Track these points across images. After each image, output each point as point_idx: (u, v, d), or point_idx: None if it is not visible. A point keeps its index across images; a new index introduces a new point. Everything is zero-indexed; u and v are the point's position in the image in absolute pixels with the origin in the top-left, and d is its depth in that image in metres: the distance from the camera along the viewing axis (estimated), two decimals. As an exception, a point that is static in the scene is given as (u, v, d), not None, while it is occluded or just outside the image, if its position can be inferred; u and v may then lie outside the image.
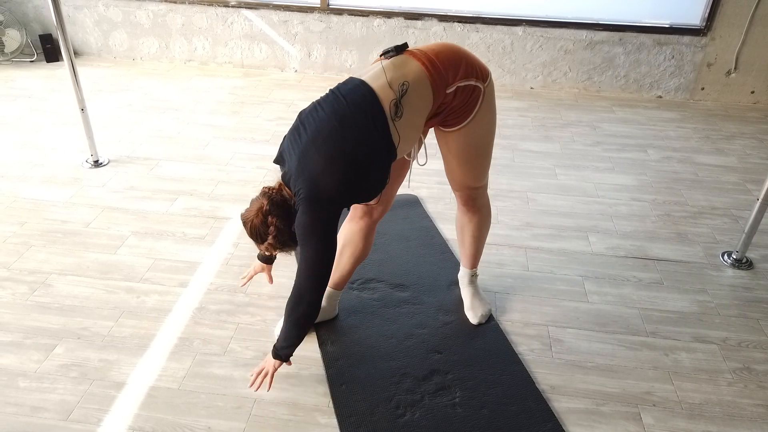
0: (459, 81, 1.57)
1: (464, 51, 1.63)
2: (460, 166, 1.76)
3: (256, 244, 1.63)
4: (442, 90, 1.57)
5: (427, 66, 1.54)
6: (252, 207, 1.60)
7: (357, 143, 1.46)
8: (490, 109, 1.67)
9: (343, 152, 1.45)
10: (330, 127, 1.46)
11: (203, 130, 3.43)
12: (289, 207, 1.56)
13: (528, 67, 4.21)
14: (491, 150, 1.77)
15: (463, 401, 1.72)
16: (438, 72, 1.55)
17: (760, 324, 2.08)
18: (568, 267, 2.34)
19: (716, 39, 3.94)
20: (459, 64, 1.58)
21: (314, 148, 1.46)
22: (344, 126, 1.46)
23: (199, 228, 2.49)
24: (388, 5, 4.14)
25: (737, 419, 1.71)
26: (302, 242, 1.52)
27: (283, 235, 1.56)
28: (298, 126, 1.53)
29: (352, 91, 1.51)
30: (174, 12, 4.30)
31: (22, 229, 2.43)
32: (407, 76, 1.52)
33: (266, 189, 1.60)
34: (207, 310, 2.05)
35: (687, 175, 3.12)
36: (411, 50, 1.59)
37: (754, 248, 2.48)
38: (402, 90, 1.50)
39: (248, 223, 1.59)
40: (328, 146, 1.45)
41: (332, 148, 1.45)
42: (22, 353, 1.83)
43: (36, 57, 4.43)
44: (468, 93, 1.59)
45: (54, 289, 2.10)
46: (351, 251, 1.90)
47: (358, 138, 1.46)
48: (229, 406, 1.69)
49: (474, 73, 1.60)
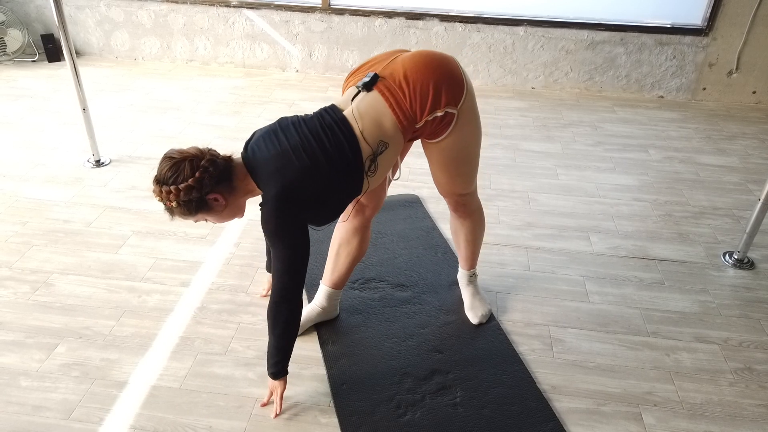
0: (428, 116, 1.54)
1: (438, 69, 1.54)
2: (444, 175, 1.75)
3: (155, 185, 1.47)
4: (411, 128, 1.56)
5: (396, 112, 1.52)
6: (188, 150, 1.48)
7: (331, 176, 1.49)
8: (468, 120, 1.62)
9: (319, 175, 1.47)
10: (311, 149, 1.47)
11: (205, 129, 3.43)
12: (225, 175, 1.50)
13: (529, 67, 4.21)
14: (476, 157, 1.73)
15: (464, 401, 1.72)
16: (406, 115, 1.53)
17: (761, 324, 2.08)
18: (569, 267, 2.34)
19: (718, 39, 3.94)
20: (427, 94, 1.52)
21: (293, 156, 1.47)
22: (324, 154, 1.48)
23: (201, 228, 2.49)
24: (389, 5, 4.14)
25: (738, 419, 1.71)
26: (274, 242, 1.50)
27: (193, 192, 1.44)
28: (276, 129, 1.53)
29: (337, 126, 1.51)
30: (175, 12, 4.30)
31: (24, 228, 2.44)
32: (380, 128, 1.51)
33: (214, 151, 1.53)
34: (208, 310, 2.05)
35: (688, 175, 3.12)
36: (381, 83, 1.54)
37: (755, 248, 2.48)
38: (380, 149, 1.53)
39: (173, 158, 1.45)
40: (306, 161, 1.46)
41: (311, 167, 1.47)
42: (23, 352, 1.84)
43: (38, 57, 4.44)
44: (438, 121, 1.57)
45: (56, 289, 2.11)
46: (347, 251, 1.90)
47: (333, 173, 1.49)
48: (230, 405, 1.69)
49: (443, 102, 1.54)
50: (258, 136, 1.57)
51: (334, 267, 1.93)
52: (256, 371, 1.80)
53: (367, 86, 1.54)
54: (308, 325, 1.96)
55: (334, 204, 1.56)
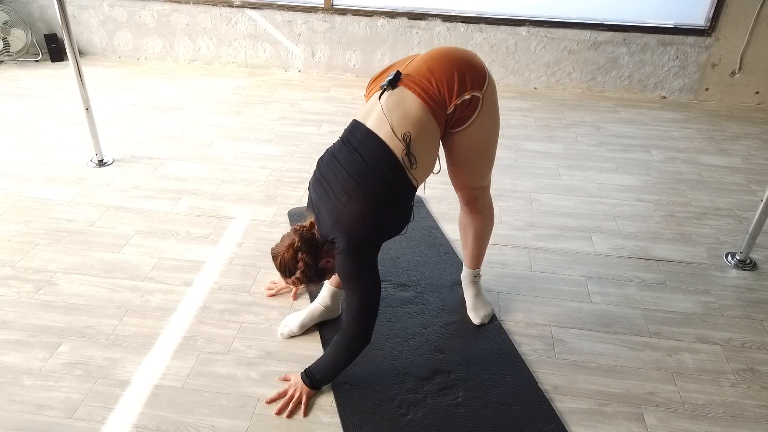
0: (456, 99, 1.57)
1: (458, 58, 1.60)
2: (463, 166, 1.76)
3: (282, 277, 1.68)
4: (443, 114, 1.59)
5: (424, 98, 1.55)
6: (283, 242, 1.65)
7: (381, 195, 1.53)
8: (491, 109, 1.67)
9: (370, 207, 1.52)
10: (351, 186, 1.53)
11: (207, 129, 3.44)
12: (317, 245, 1.63)
13: (531, 67, 4.21)
14: (495, 150, 1.78)
15: (466, 401, 1.73)
16: (435, 100, 1.56)
17: (763, 325, 2.08)
18: (571, 267, 2.34)
19: (721, 39, 3.93)
20: (453, 79, 1.57)
21: (341, 206, 1.53)
22: (365, 183, 1.52)
23: (203, 227, 2.50)
24: (391, 5, 4.14)
25: (740, 420, 1.71)
26: (348, 287, 1.59)
27: (310, 271, 1.62)
28: (321, 180, 1.60)
29: (364, 144, 1.56)
30: (178, 12, 4.31)
31: (27, 227, 2.44)
32: (409, 118, 1.54)
33: (297, 227, 1.65)
34: (211, 309, 2.05)
35: (691, 175, 3.12)
36: (405, 78, 1.58)
37: (758, 249, 2.47)
38: (406, 139, 1.53)
39: (278, 257, 1.65)
40: (354, 204, 1.52)
41: (359, 205, 1.51)
42: (27, 351, 1.84)
43: (41, 56, 4.45)
44: (466, 105, 1.60)
45: (59, 288, 2.12)
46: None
47: (381, 191, 1.53)
48: (232, 404, 1.69)
49: (469, 86, 1.58)
50: (312, 191, 1.65)
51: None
52: (258, 371, 1.81)
53: (392, 83, 1.59)
54: (311, 324, 1.96)
55: (397, 215, 1.59)
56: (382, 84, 1.61)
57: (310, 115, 3.69)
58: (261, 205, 2.68)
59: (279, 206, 2.68)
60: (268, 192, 2.79)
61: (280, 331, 1.94)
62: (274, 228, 2.52)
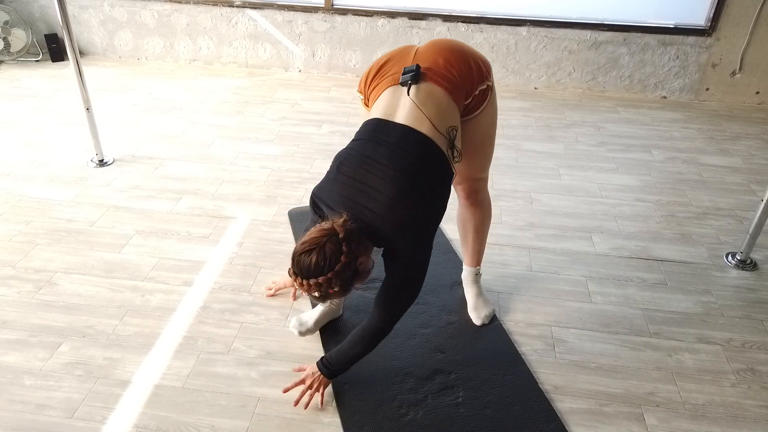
0: (476, 90, 1.61)
1: (466, 49, 1.64)
2: (470, 155, 1.77)
3: (307, 282, 1.40)
4: (462, 105, 1.62)
5: (451, 90, 1.57)
6: (317, 235, 1.39)
7: (438, 190, 1.52)
8: (494, 98, 1.74)
9: (431, 203, 1.49)
10: (406, 184, 1.44)
11: (207, 129, 3.44)
12: (360, 239, 1.43)
13: (532, 67, 4.20)
14: (495, 138, 1.83)
15: (466, 401, 1.73)
16: (459, 92, 1.59)
17: (764, 325, 2.08)
18: (571, 267, 2.34)
19: (721, 39, 3.93)
20: (471, 71, 1.60)
21: (400, 206, 1.43)
22: (420, 180, 1.46)
23: (204, 227, 2.50)
24: (392, 5, 4.14)
25: (741, 420, 1.71)
26: (404, 286, 1.55)
27: (347, 270, 1.39)
28: (355, 182, 1.46)
29: (406, 140, 1.47)
30: (179, 12, 4.31)
31: (28, 227, 2.44)
32: (445, 111, 1.54)
33: (337, 219, 1.42)
34: (211, 309, 2.05)
35: (691, 175, 3.12)
36: (428, 72, 1.57)
37: (758, 249, 2.47)
38: (451, 134, 1.54)
39: (315, 251, 1.37)
40: (414, 203, 1.44)
41: (420, 203, 1.46)
42: (27, 351, 1.84)
43: (41, 56, 4.45)
44: (481, 94, 1.64)
45: (59, 288, 2.12)
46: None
47: (437, 186, 1.51)
48: (232, 404, 1.69)
49: (484, 75, 1.64)
50: (332, 193, 1.50)
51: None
52: (258, 371, 1.81)
53: (415, 78, 1.55)
54: (323, 323, 1.95)
55: (444, 208, 1.58)
56: (404, 79, 1.55)
57: (311, 115, 3.69)
58: (261, 205, 2.68)
59: (279, 206, 2.68)
60: (269, 192, 2.79)
61: (298, 330, 1.90)
62: (275, 228, 2.52)
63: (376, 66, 1.68)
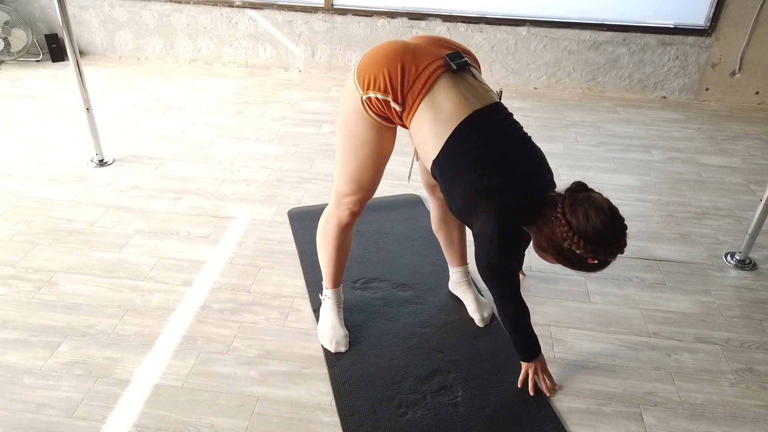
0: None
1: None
2: None
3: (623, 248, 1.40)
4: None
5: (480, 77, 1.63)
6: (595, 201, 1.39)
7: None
8: None
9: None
10: (533, 150, 1.54)
11: (207, 129, 3.44)
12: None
13: (532, 67, 4.21)
14: None
15: (465, 400, 1.73)
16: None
17: (762, 325, 2.08)
18: (570, 267, 2.34)
19: (721, 39, 3.93)
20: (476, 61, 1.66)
21: (543, 161, 1.55)
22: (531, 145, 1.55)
23: (204, 227, 2.50)
24: (392, 5, 4.14)
25: (739, 420, 1.71)
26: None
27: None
28: (521, 165, 1.49)
29: (503, 113, 1.54)
30: (179, 12, 4.31)
31: (28, 227, 2.45)
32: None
33: (574, 186, 1.45)
34: (211, 309, 2.06)
35: (691, 175, 3.12)
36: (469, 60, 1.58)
37: (757, 249, 2.47)
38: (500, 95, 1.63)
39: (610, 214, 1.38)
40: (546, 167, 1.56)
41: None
42: (27, 351, 1.85)
43: (42, 56, 4.46)
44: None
45: (59, 287, 2.12)
46: (347, 251, 1.88)
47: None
48: (232, 404, 1.70)
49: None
50: (524, 184, 1.49)
51: (339, 268, 1.92)
52: (258, 370, 1.81)
53: (462, 66, 1.52)
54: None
55: None
56: (460, 64, 1.50)
57: (311, 115, 3.70)
58: (261, 205, 2.68)
59: (279, 206, 2.68)
60: (269, 192, 2.80)
61: (336, 350, 1.88)
62: (274, 228, 2.52)
63: (395, 72, 1.50)
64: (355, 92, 1.55)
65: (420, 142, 1.54)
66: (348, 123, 1.60)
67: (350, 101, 1.57)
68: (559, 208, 1.39)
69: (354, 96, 1.56)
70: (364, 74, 1.52)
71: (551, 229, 1.41)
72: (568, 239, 1.37)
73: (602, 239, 1.36)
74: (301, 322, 2.01)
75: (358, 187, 1.67)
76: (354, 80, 1.55)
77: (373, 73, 1.51)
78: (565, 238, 1.38)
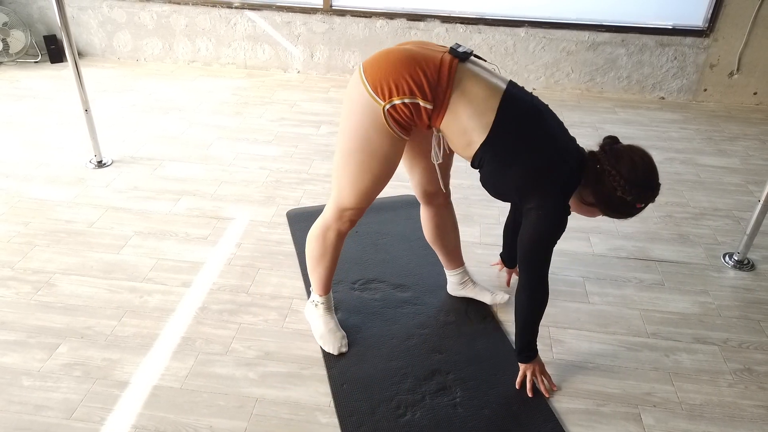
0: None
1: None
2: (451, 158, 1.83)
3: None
4: None
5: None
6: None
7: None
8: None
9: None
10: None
11: (207, 130, 3.44)
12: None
13: (530, 68, 4.21)
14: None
15: (464, 401, 1.73)
16: None
17: (761, 325, 2.09)
18: (569, 268, 2.34)
19: (719, 40, 3.94)
20: None
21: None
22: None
23: (202, 228, 2.50)
24: (390, 6, 4.14)
25: (738, 420, 1.72)
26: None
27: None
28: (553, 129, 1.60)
29: (520, 88, 1.63)
30: (177, 13, 4.31)
31: (27, 228, 2.45)
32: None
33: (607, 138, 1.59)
34: (209, 310, 2.06)
35: (689, 176, 3.12)
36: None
37: (755, 249, 2.48)
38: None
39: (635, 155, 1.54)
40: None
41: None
42: (26, 352, 1.85)
43: (40, 58, 4.45)
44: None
45: (58, 289, 2.12)
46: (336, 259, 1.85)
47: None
48: (231, 405, 1.70)
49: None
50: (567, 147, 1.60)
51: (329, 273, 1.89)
52: (256, 371, 1.81)
53: (468, 55, 1.55)
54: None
55: None
56: (465, 53, 1.53)
57: (310, 116, 3.70)
58: (260, 206, 2.69)
59: (278, 207, 2.69)
60: (267, 193, 2.80)
61: (339, 352, 1.88)
62: (273, 229, 2.52)
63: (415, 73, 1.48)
64: (373, 105, 1.50)
65: (459, 132, 1.52)
66: (362, 139, 1.55)
67: (365, 116, 1.52)
68: (606, 163, 1.50)
69: (372, 109, 1.50)
70: (381, 85, 1.48)
71: (600, 184, 1.53)
72: (620, 188, 1.49)
73: (649, 183, 1.52)
74: (300, 323, 2.01)
75: (365, 200, 1.66)
76: (369, 94, 1.50)
77: (392, 81, 1.48)
78: (617, 188, 1.49)
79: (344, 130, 1.58)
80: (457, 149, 1.59)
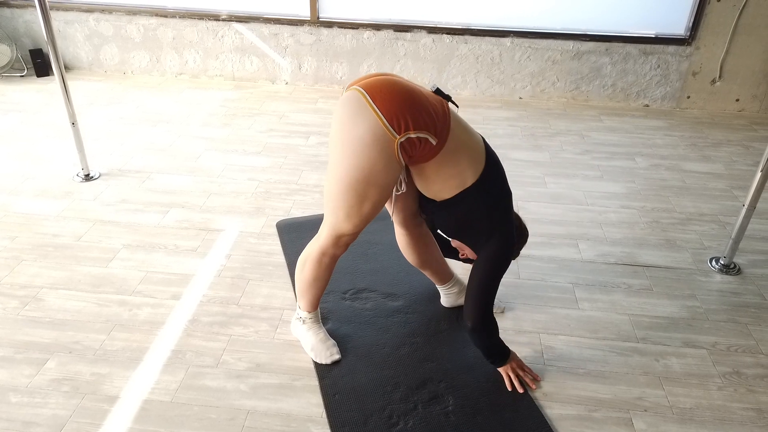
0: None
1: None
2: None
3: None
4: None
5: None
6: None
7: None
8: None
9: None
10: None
11: (195, 142, 3.43)
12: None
13: (516, 77, 4.25)
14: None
15: (457, 409, 1.73)
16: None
17: (748, 328, 2.11)
18: (558, 274, 2.36)
19: (701, 48, 4.01)
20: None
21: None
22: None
23: (192, 240, 2.49)
24: (377, 18, 4.18)
25: (727, 423, 1.73)
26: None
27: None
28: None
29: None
30: (164, 26, 4.32)
31: (13, 243, 2.42)
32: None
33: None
34: (199, 322, 2.04)
35: (675, 182, 3.16)
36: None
37: (741, 254, 2.51)
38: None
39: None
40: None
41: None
42: (13, 368, 1.82)
43: (26, 72, 4.43)
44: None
45: (45, 303, 2.10)
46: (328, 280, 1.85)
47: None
48: (222, 417, 1.68)
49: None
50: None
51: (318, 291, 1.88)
52: (247, 383, 1.80)
53: (448, 97, 1.66)
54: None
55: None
56: (448, 99, 1.64)
57: (298, 127, 3.71)
58: (249, 217, 2.68)
59: (267, 218, 2.68)
60: (257, 204, 2.80)
61: (332, 361, 1.88)
62: (263, 240, 2.52)
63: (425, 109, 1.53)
64: (387, 136, 1.49)
65: (453, 173, 1.61)
66: (367, 170, 1.52)
67: (374, 147, 1.50)
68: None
69: (385, 140, 1.49)
70: (398, 117, 1.48)
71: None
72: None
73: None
74: (291, 334, 2.00)
75: (363, 225, 1.65)
76: (383, 125, 1.48)
77: (409, 115, 1.49)
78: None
79: (344, 159, 1.53)
80: (433, 185, 1.66)
